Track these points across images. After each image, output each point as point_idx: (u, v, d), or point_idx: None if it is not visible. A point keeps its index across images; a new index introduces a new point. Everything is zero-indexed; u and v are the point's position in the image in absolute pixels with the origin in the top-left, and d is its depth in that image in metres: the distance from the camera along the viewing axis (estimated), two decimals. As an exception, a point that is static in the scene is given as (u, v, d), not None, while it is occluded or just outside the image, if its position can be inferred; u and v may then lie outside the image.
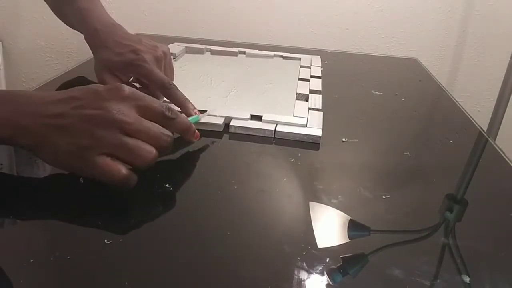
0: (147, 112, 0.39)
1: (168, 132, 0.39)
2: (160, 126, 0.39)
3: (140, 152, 0.36)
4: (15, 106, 0.36)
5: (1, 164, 0.43)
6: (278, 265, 0.32)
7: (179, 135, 0.43)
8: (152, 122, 0.38)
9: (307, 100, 0.62)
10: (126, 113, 0.37)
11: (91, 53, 0.59)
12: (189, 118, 0.48)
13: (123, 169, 0.36)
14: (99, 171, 0.35)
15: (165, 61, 0.58)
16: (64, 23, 0.68)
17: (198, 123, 0.52)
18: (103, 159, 0.35)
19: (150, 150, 0.37)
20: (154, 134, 0.38)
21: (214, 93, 0.62)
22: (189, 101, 0.52)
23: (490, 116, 1.08)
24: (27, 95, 0.38)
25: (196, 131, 0.45)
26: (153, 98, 0.40)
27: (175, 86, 0.52)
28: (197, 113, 0.52)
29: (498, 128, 1.08)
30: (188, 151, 0.49)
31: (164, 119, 0.40)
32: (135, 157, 0.36)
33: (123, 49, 0.55)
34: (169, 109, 0.40)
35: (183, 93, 0.52)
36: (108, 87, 0.38)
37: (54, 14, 0.69)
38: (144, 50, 0.55)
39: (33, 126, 0.35)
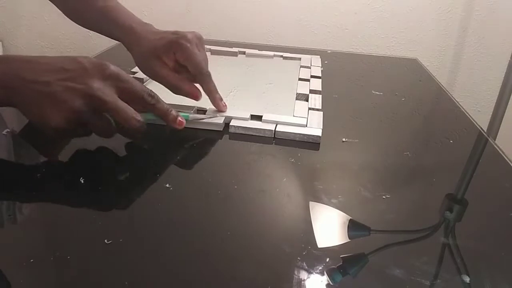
0: (127, 94, 0.43)
1: (139, 117, 0.42)
2: (133, 111, 0.42)
3: (100, 131, 0.42)
4: (9, 69, 0.40)
5: (8, 130, 0.44)
6: (278, 265, 0.32)
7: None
8: (126, 105, 0.42)
9: (307, 100, 0.62)
10: (105, 91, 0.40)
11: (91, 53, 0.58)
12: (181, 114, 0.49)
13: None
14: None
15: (201, 45, 0.58)
16: (78, 23, 0.65)
17: (198, 123, 0.52)
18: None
19: (110, 132, 0.43)
20: (125, 116, 0.41)
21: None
22: (218, 93, 0.54)
23: (490, 116, 1.08)
24: (23, 59, 0.41)
25: (180, 119, 0.47)
26: (136, 81, 0.44)
27: (210, 74, 0.53)
28: (224, 105, 0.55)
29: (498, 128, 1.08)
30: (188, 151, 0.49)
31: (144, 103, 0.44)
32: (97, 132, 0.43)
33: (164, 34, 0.55)
34: (149, 94, 0.44)
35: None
36: (95, 65, 0.41)
37: (65, 15, 0.66)
38: (184, 32, 0.55)
39: (21, 89, 0.39)
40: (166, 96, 0.60)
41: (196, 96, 0.53)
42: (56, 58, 0.42)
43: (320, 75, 0.74)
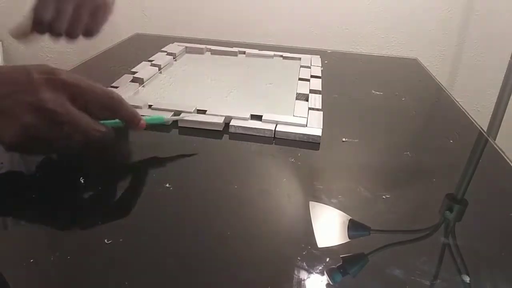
0: (83, 101, 0.39)
1: (98, 127, 0.39)
2: (90, 120, 0.39)
3: (62, 144, 0.39)
4: None
5: (1, 163, 0.43)
6: (278, 265, 0.32)
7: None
8: (83, 115, 0.39)
9: (307, 100, 0.62)
10: (56, 102, 0.37)
11: (92, 53, 0.59)
12: (154, 117, 0.47)
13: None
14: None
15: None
16: None
17: (198, 123, 0.52)
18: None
19: (69, 145, 0.39)
20: (83, 128, 0.38)
21: (214, 93, 0.62)
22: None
23: (490, 116, 1.09)
24: None
25: (142, 121, 0.43)
26: (93, 86, 0.40)
27: None
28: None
29: (498, 128, 1.08)
30: (188, 151, 0.49)
31: (105, 109, 0.41)
32: (60, 146, 0.39)
33: None
34: (109, 96, 0.41)
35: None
36: (45, 73, 0.38)
37: None
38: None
39: None
40: (167, 95, 0.60)
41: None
42: (8, 68, 0.39)
43: (320, 75, 0.74)
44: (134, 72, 0.67)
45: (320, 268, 0.31)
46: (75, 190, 0.39)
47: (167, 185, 0.40)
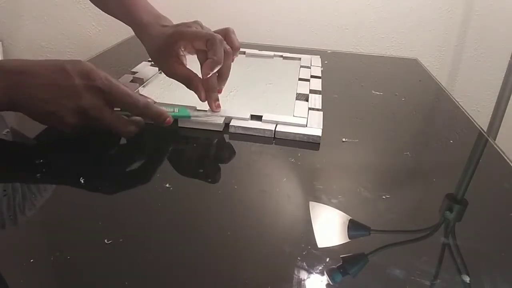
0: (117, 105, 0.45)
1: (131, 127, 0.46)
2: (125, 121, 0.46)
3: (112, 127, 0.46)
4: (10, 82, 0.42)
5: (8, 130, 0.44)
6: (278, 265, 0.32)
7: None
8: (119, 117, 0.46)
9: (307, 100, 0.62)
10: (95, 107, 0.43)
11: (92, 53, 0.59)
12: (179, 113, 0.51)
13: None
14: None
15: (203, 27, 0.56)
16: (102, 10, 0.68)
17: (198, 123, 0.52)
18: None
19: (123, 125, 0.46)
20: (118, 131, 0.46)
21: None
22: (217, 91, 0.54)
23: (490, 116, 1.08)
24: (17, 71, 0.42)
25: (169, 118, 0.48)
26: (125, 90, 0.45)
27: (219, 43, 0.50)
28: (217, 106, 0.54)
29: (498, 128, 1.08)
30: (188, 151, 0.49)
31: (136, 112, 0.47)
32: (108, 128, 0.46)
33: (165, 28, 0.55)
34: (138, 100, 0.46)
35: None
36: (84, 77, 0.43)
37: (92, 3, 0.69)
38: (187, 22, 0.55)
39: (24, 102, 0.42)
40: (167, 95, 0.60)
41: (200, 96, 0.53)
42: (47, 68, 0.43)
43: (320, 75, 0.74)
44: (134, 72, 0.67)
45: (320, 268, 0.31)
46: (75, 190, 0.39)
47: (167, 185, 0.40)
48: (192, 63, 0.56)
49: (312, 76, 0.73)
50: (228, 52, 0.52)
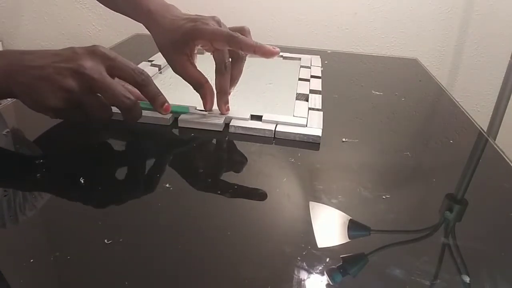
0: (117, 71, 0.44)
1: (129, 95, 0.44)
2: (123, 88, 0.44)
3: (94, 110, 0.44)
4: (12, 60, 0.42)
5: (8, 130, 0.44)
6: (278, 265, 0.32)
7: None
8: (116, 82, 0.44)
9: (307, 100, 0.62)
10: (94, 68, 0.42)
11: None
12: (177, 108, 0.51)
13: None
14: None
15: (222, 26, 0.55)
16: (108, 7, 0.66)
17: (198, 123, 0.52)
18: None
19: (105, 112, 0.44)
20: (113, 93, 0.43)
21: (214, 93, 0.62)
22: (227, 94, 0.54)
23: (490, 116, 1.09)
24: (24, 52, 0.44)
25: (167, 104, 0.48)
26: (127, 60, 0.45)
27: (241, 35, 0.50)
28: (227, 109, 0.54)
29: (498, 128, 1.08)
30: (188, 151, 0.49)
31: (134, 81, 0.45)
32: (91, 111, 0.44)
33: (181, 22, 0.53)
34: (140, 72, 0.45)
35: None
36: (86, 48, 0.44)
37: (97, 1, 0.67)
38: (203, 17, 0.53)
39: (20, 76, 0.42)
40: (167, 96, 0.60)
41: (205, 106, 0.53)
42: (53, 49, 0.44)
43: (320, 75, 0.74)
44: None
45: (320, 268, 0.31)
46: (75, 190, 0.39)
47: (167, 185, 0.41)
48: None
49: (312, 76, 0.73)
50: (242, 56, 0.53)
